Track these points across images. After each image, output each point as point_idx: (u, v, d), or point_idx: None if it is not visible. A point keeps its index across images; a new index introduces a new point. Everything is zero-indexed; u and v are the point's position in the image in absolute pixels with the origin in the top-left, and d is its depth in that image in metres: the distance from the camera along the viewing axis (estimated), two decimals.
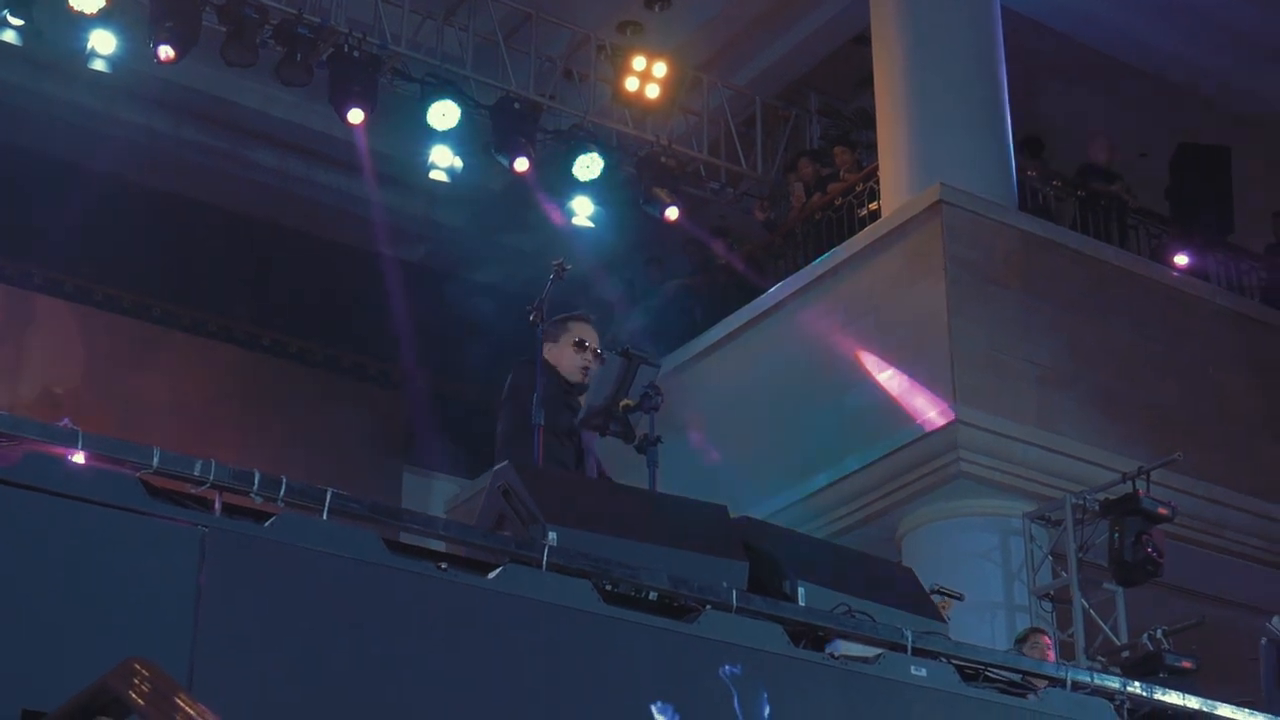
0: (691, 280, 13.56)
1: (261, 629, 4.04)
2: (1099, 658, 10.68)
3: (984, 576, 10.87)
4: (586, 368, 6.09)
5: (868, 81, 12.92)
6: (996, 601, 10.87)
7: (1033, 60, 13.11)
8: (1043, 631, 9.49)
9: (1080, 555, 10.72)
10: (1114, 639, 10.73)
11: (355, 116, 12.33)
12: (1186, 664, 9.99)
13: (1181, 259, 12.56)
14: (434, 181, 13.45)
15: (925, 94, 11.78)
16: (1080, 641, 10.63)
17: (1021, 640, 9.02)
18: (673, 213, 13.37)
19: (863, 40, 13.11)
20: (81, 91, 13.28)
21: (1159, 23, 13.16)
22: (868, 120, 13.24)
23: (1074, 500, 10.73)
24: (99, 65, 12.17)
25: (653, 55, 13.44)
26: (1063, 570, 10.88)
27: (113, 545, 3.91)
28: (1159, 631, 10.33)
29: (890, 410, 10.96)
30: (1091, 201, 12.59)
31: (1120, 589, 10.81)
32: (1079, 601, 10.71)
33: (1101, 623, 10.75)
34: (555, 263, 6.04)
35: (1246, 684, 8.83)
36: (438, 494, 14.76)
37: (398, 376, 15.01)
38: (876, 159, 12.27)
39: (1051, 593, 10.91)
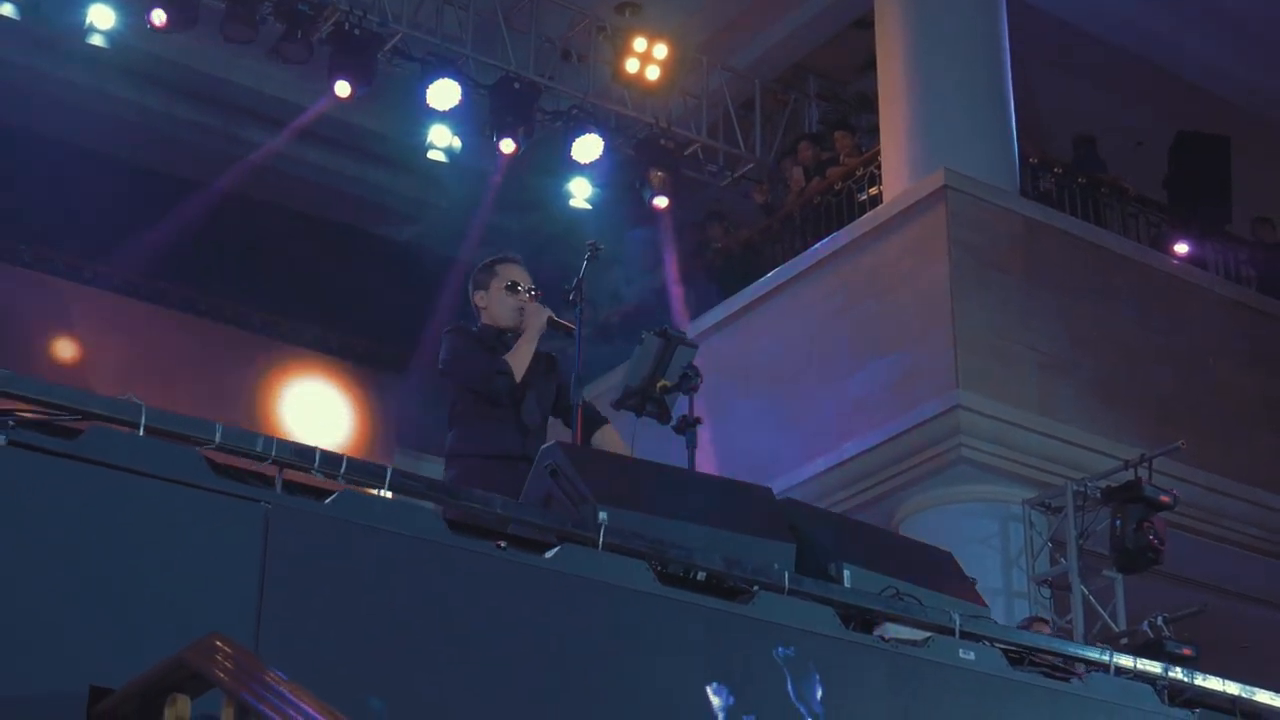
0: (688, 263, 13.54)
1: (324, 606, 4.00)
2: (1098, 644, 10.71)
3: (982, 562, 10.85)
4: (521, 309, 6.06)
5: (867, 66, 12.91)
6: (995, 588, 10.87)
7: (1032, 47, 13.11)
8: (1044, 620, 9.51)
9: (1080, 542, 10.73)
10: (1113, 625, 10.75)
11: (342, 89, 12.30)
12: (1186, 651, 10.01)
13: (1181, 247, 12.59)
14: (427, 161, 13.40)
15: (928, 78, 11.76)
16: (1079, 628, 10.65)
17: (1024, 629, 9.03)
18: (661, 201, 13.38)
19: (862, 25, 13.10)
20: (74, 68, 13.17)
21: (1160, 11, 13.18)
22: (867, 104, 13.24)
23: (1075, 487, 10.74)
24: (97, 40, 12.09)
25: (653, 37, 13.41)
26: (1061, 557, 10.90)
27: (178, 521, 3.88)
28: (1159, 619, 10.34)
29: (891, 395, 10.96)
30: (1091, 189, 12.60)
31: (1119, 576, 10.84)
32: (1078, 588, 10.73)
33: (1101, 609, 10.78)
34: (589, 243, 6.02)
35: (1244, 673, 8.84)
36: (426, 474, 14.67)
37: (387, 356, 14.97)
38: (876, 143, 12.27)
39: (1050, 579, 10.93)
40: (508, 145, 12.85)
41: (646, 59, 13.37)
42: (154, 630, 3.74)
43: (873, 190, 12.26)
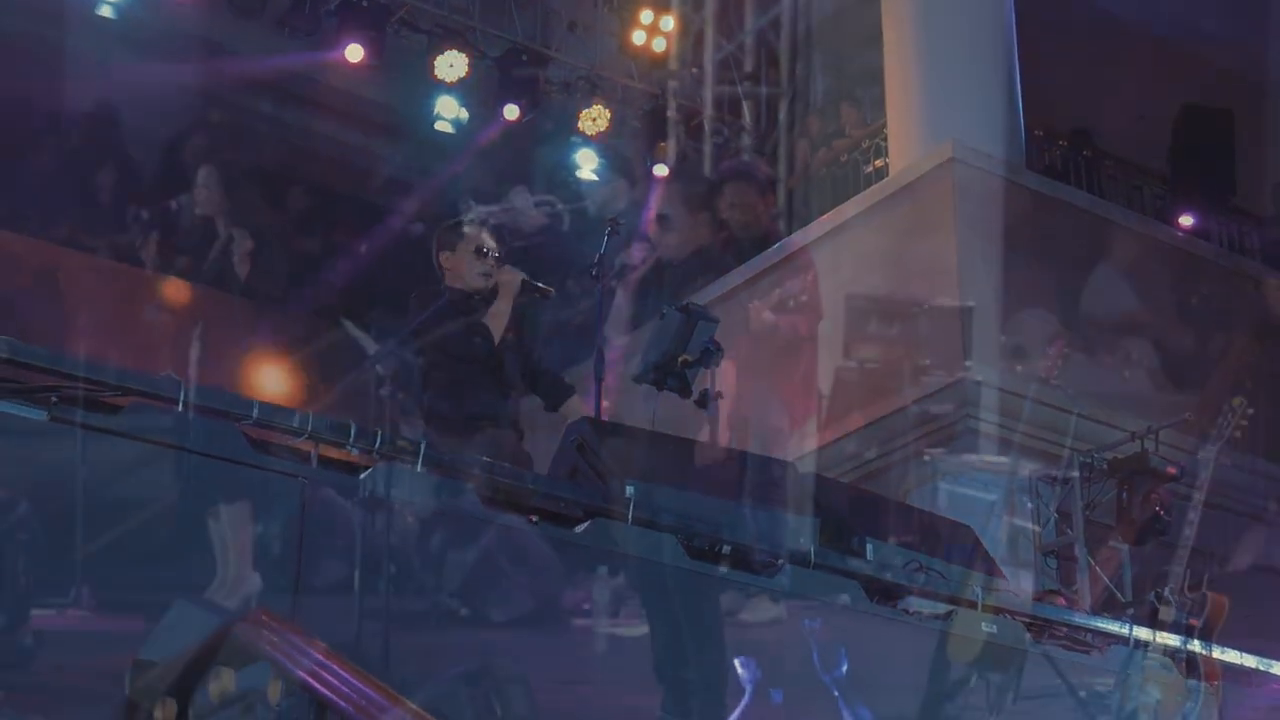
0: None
1: (359, 580, 4.04)
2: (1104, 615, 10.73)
3: (988, 534, 10.89)
4: (488, 274, 6.06)
5: (873, 39, 12.89)
6: (1000, 559, 10.89)
7: (1038, 19, 13.09)
8: (1059, 594, 9.53)
9: (1086, 514, 10.75)
10: (1119, 596, 10.78)
11: (354, 54, 12.31)
12: (1193, 622, 10.04)
13: (1186, 220, 12.62)
14: (434, 132, 13.41)
15: (934, 51, 11.75)
16: (1086, 599, 10.67)
17: (1038, 602, 9.06)
18: (661, 170, 13.40)
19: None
20: (80, 38, 13.15)
21: None
22: (873, 77, 13.21)
23: (1081, 459, 10.75)
24: (105, 11, 12.09)
25: (659, 9, 13.41)
26: (1067, 528, 10.91)
27: (218, 495, 3.91)
28: (1165, 590, 10.35)
29: (897, 367, 10.98)
30: (1095, 162, 12.62)
31: (1125, 547, 10.85)
32: (1084, 559, 10.74)
33: (1107, 580, 10.79)
34: (609, 219, 6.05)
35: (1250, 644, 8.90)
36: None
37: (389, 327, 14.95)
38: (882, 116, 12.26)
39: (1056, 550, 10.94)
40: (512, 111, 12.88)
41: (653, 31, 13.39)
42: (194, 604, 3.78)
43: (878, 162, 12.26)
